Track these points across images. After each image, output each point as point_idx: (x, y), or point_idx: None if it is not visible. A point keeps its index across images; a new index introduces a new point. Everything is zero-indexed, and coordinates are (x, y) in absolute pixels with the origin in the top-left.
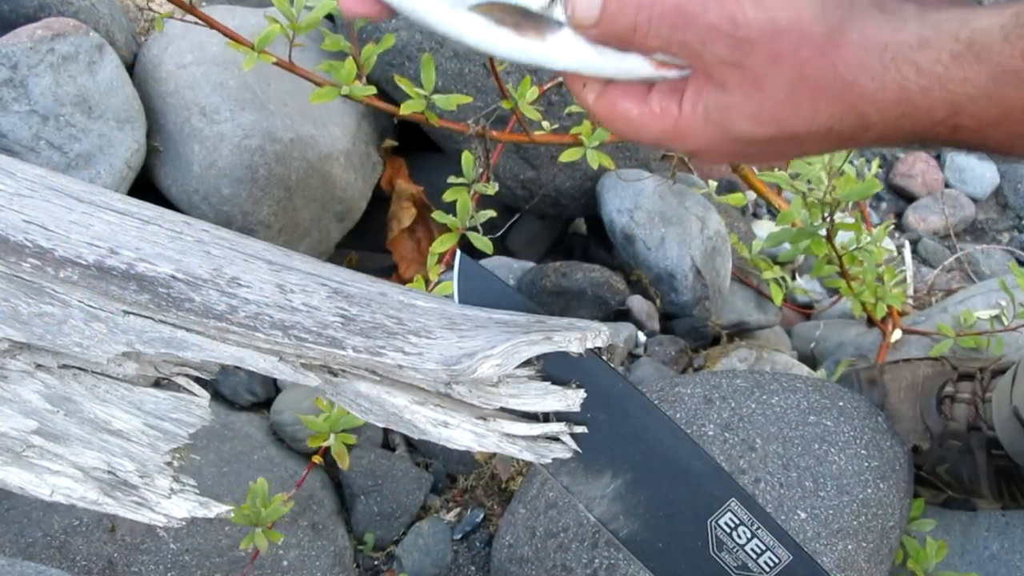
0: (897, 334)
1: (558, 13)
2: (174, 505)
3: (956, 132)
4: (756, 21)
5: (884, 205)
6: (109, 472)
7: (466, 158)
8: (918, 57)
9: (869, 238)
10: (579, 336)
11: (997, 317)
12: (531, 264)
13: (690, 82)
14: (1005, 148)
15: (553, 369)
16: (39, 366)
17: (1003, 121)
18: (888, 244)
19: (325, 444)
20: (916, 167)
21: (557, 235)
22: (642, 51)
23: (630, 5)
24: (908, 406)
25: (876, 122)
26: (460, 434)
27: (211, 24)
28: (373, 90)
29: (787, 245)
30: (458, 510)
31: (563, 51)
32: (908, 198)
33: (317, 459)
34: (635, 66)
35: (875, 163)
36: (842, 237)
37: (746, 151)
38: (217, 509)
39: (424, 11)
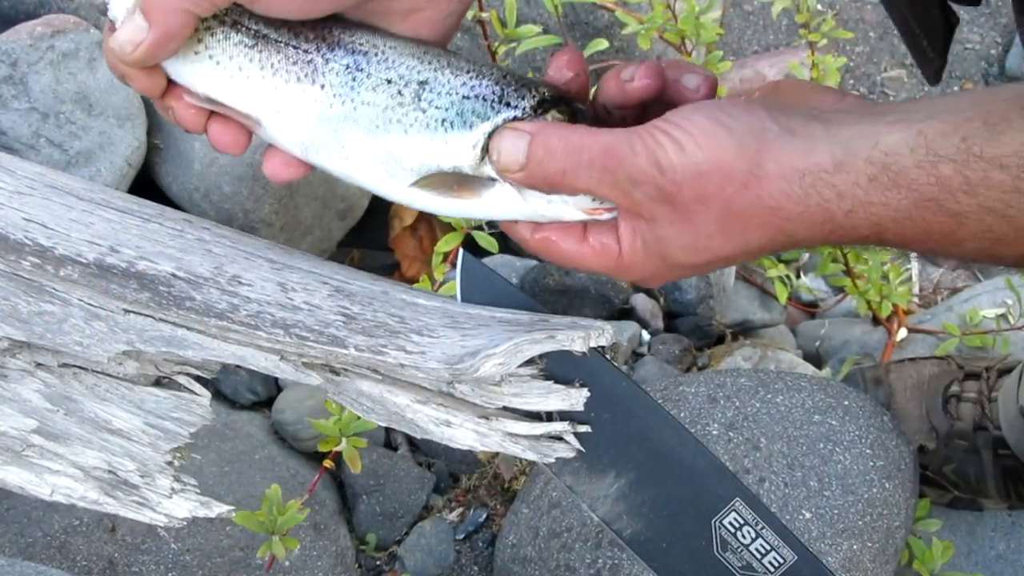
0: (902, 333)
1: (489, 170)
2: (175, 505)
3: (882, 242)
4: (680, 165)
5: None
6: (110, 471)
7: None
8: (835, 180)
9: None
10: (582, 335)
11: (1003, 316)
12: (534, 262)
13: (622, 219)
14: (930, 255)
15: (556, 368)
16: (39, 365)
17: (926, 239)
18: None
19: (336, 449)
20: None
21: None
22: (570, 193)
23: (558, 151)
24: (914, 405)
25: (805, 238)
26: (463, 433)
27: None
28: None
29: None
30: (461, 510)
31: (498, 204)
32: None
33: (328, 463)
34: (565, 211)
35: None
36: None
37: (685, 273)
38: (218, 509)
39: (366, 183)
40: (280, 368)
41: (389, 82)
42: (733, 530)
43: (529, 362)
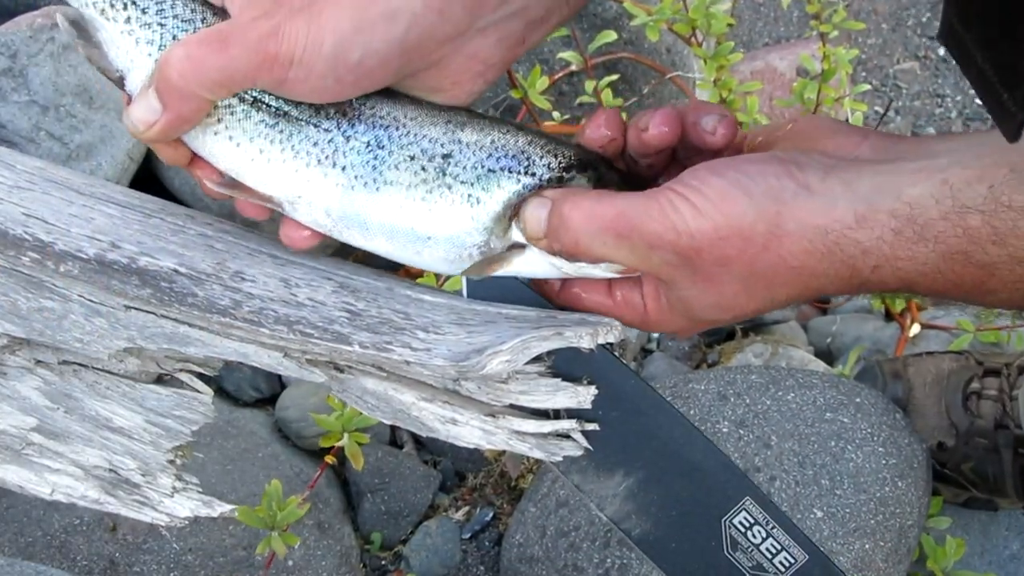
0: (915, 328)
1: (517, 236)
2: (177, 504)
3: (913, 293)
4: (698, 231)
5: None
6: (110, 470)
7: None
8: (859, 236)
9: None
10: (591, 331)
11: (1018, 312)
12: None
13: (645, 280)
14: (960, 303)
15: (564, 365)
16: (39, 362)
17: (956, 290)
18: None
19: (338, 444)
20: None
21: None
22: (589, 261)
23: (572, 219)
24: (933, 401)
25: (832, 291)
26: (469, 431)
27: None
28: None
29: None
30: (467, 509)
31: (529, 268)
32: None
33: (330, 459)
34: (593, 271)
35: None
36: None
37: (713, 326)
38: (221, 508)
39: (396, 260)
40: (283, 365)
41: (412, 158)
42: (743, 529)
43: (536, 359)
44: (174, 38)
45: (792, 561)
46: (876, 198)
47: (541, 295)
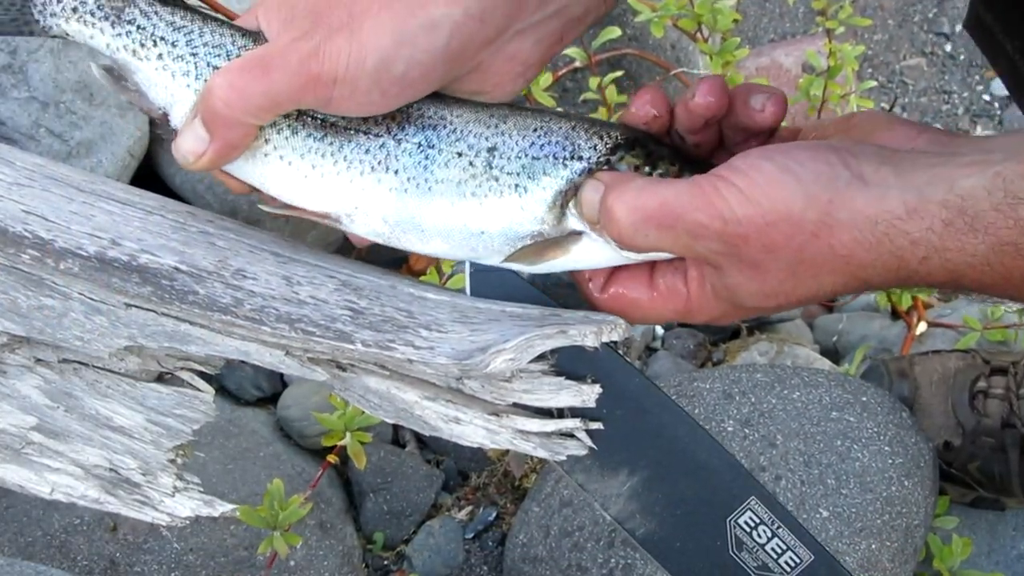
0: (922, 327)
1: (572, 223)
2: (178, 503)
3: (960, 288)
4: (745, 217)
5: None
6: (111, 469)
7: None
8: (909, 227)
9: None
10: (595, 329)
11: None
12: None
13: (690, 264)
14: (1010, 300)
15: (568, 364)
16: (39, 360)
17: (1005, 284)
18: None
19: (341, 443)
20: None
21: None
22: (635, 251)
23: (615, 210)
24: (940, 400)
25: (879, 283)
26: (472, 430)
27: (215, 7)
28: None
29: None
30: (470, 508)
31: (588, 255)
32: None
33: (332, 458)
34: (652, 254)
35: None
36: None
37: (756, 313)
38: (222, 508)
39: (452, 258)
40: (285, 364)
41: (460, 155)
42: (748, 529)
43: (540, 357)
44: (208, 65)
45: (798, 561)
46: (928, 189)
47: (584, 299)
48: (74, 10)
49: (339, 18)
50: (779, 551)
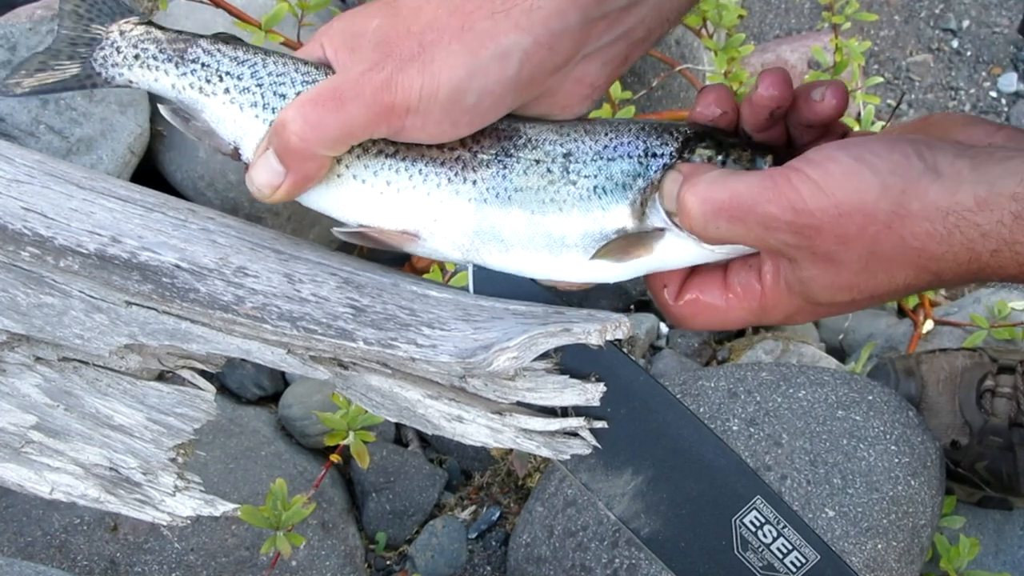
0: (929, 325)
1: (655, 220)
2: (178, 503)
3: None
4: (818, 209)
5: None
6: (111, 469)
7: None
8: (979, 220)
9: None
10: (599, 327)
11: None
12: None
13: (765, 257)
14: None
15: (572, 362)
16: (38, 359)
17: None
18: None
19: (343, 442)
20: None
21: None
22: (709, 243)
23: (686, 203)
24: (947, 399)
25: (951, 278)
26: (475, 429)
27: (216, 3)
28: None
29: None
30: (473, 508)
31: (673, 252)
32: None
33: (335, 458)
34: (736, 249)
35: None
36: None
37: (829, 312)
38: (223, 507)
39: (532, 272)
40: (287, 362)
41: (537, 162)
42: (754, 529)
43: (544, 356)
44: (275, 94)
45: (803, 561)
46: (999, 182)
47: (660, 308)
48: (136, 57)
49: (410, 48)
50: (785, 551)
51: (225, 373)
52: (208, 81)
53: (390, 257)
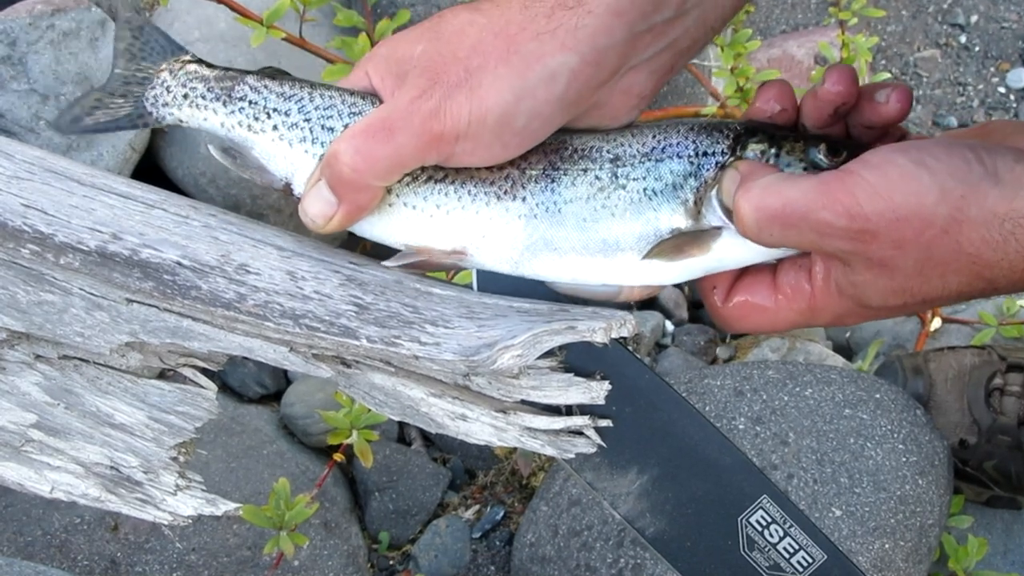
0: (936, 322)
1: (711, 219)
2: (180, 502)
3: None
4: (874, 213)
5: None
6: (112, 468)
7: None
8: None
9: None
10: (604, 325)
11: None
12: None
13: (814, 259)
14: None
15: (576, 360)
16: (38, 357)
17: None
18: None
19: (346, 441)
20: None
21: None
22: (765, 246)
23: (739, 208)
24: (955, 398)
25: (1005, 285)
26: (479, 428)
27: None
28: None
29: None
30: (477, 507)
31: (730, 250)
32: None
33: (338, 457)
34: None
35: None
36: None
37: (879, 315)
38: (225, 507)
39: (587, 280)
40: (289, 360)
41: (585, 171)
42: (760, 528)
43: (548, 354)
44: (323, 128)
45: (810, 561)
46: None
47: (709, 310)
48: (185, 96)
49: (456, 74)
50: (791, 550)
51: (227, 371)
52: (256, 119)
53: (393, 254)
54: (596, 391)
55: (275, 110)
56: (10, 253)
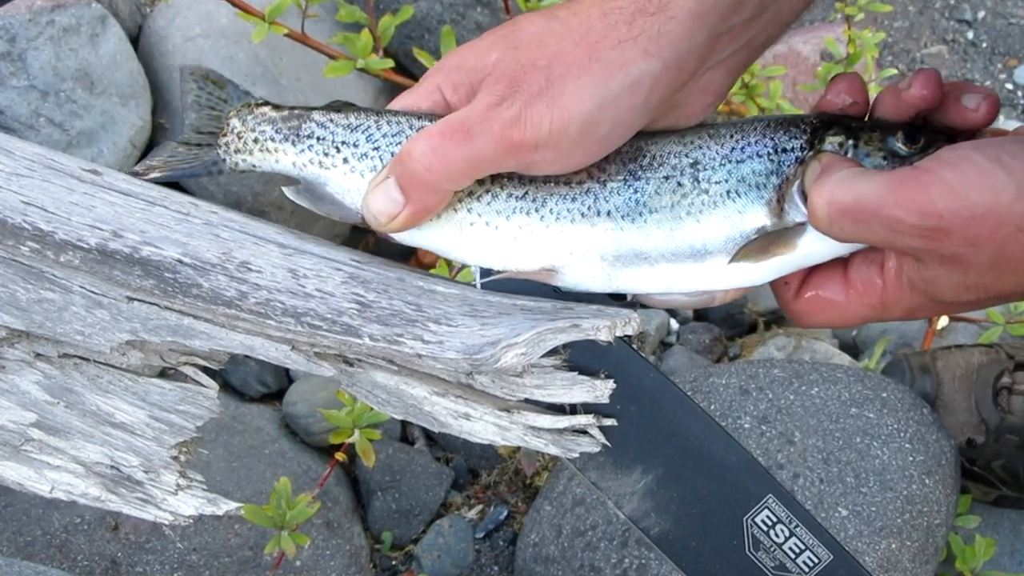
0: (944, 321)
1: (795, 216)
2: (181, 502)
3: None
4: (948, 211)
5: None
6: (112, 467)
7: None
8: None
9: None
10: (608, 323)
11: None
12: None
13: (887, 253)
14: None
15: (581, 358)
16: (38, 355)
17: None
18: None
19: (348, 440)
20: None
21: None
22: (838, 240)
23: (812, 203)
24: (963, 396)
25: None
26: (482, 427)
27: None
28: (390, 63)
29: None
30: (480, 507)
31: (817, 246)
32: None
33: (340, 456)
34: None
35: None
36: None
37: (951, 310)
38: (226, 506)
39: (680, 288)
40: (291, 358)
41: (667, 178)
42: (766, 528)
43: (552, 352)
44: (392, 154)
45: (816, 561)
46: None
47: (781, 305)
48: (255, 141)
49: (537, 83)
50: (797, 551)
51: (228, 370)
52: (326, 154)
53: (396, 251)
54: (600, 390)
55: (344, 143)
56: (10, 251)
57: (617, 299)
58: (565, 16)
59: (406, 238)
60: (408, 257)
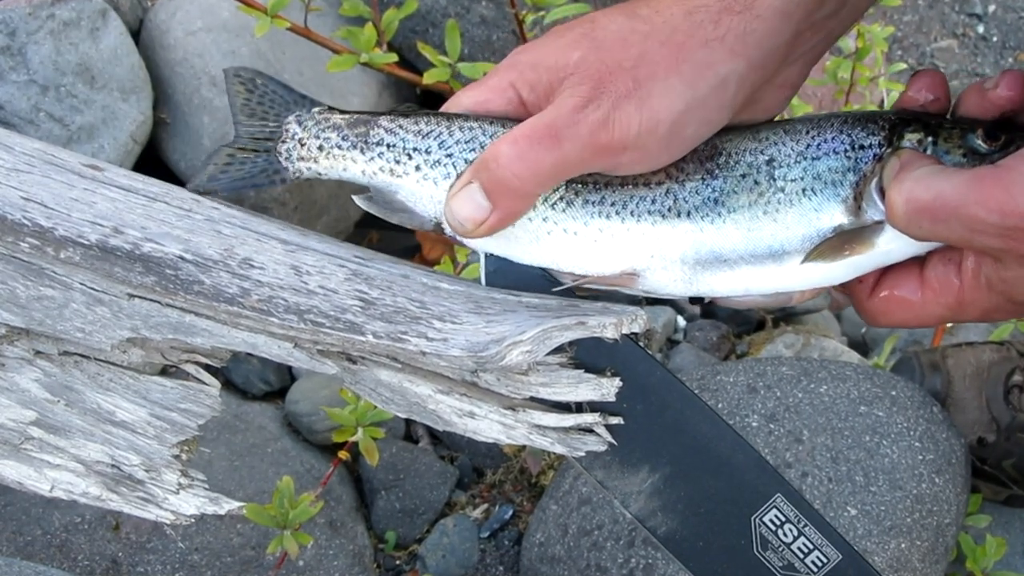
0: None
1: (873, 214)
2: (182, 501)
3: None
4: None
5: None
6: (113, 466)
7: None
8: None
9: None
10: (614, 321)
11: None
12: None
13: (965, 252)
14: None
15: (586, 356)
16: (38, 353)
17: None
18: None
19: (352, 439)
20: None
21: None
22: (917, 239)
23: (891, 201)
24: (973, 395)
25: None
26: (487, 425)
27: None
28: (394, 58)
29: None
30: (485, 506)
31: (895, 245)
32: None
33: (344, 455)
34: None
35: None
36: None
37: None
38: (228, 505)
39: (760, 288)
40: (294, 356)
41: (743, 176)
42: (774, 528)
43: (558, 350)
44: (465, 162)
45: (825, 561)
46: None
47: (853, 302)
48: (320, 148)
49: (624, 84)
50: (806, 550)
51: (230, 368)
52: (398, 162)
53: (400, 248)
54: (607, 388)
55: (415, 150)
56: (9, 247)
57: (695, 302)
58: (648, 14)
59: (479, 244)
60: (412, 254)
